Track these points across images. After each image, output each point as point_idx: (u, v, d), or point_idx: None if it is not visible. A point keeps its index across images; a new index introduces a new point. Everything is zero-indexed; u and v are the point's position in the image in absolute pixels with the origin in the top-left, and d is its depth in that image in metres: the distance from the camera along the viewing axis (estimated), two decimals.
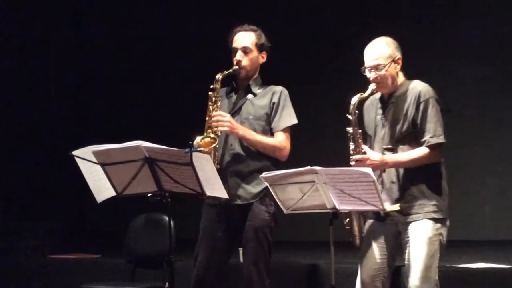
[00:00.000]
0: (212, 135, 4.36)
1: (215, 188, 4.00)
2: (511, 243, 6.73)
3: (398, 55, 4.23)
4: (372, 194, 3.85)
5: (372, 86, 4.20)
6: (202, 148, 4.22)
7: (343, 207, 3.96)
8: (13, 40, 7.76)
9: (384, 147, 4.19)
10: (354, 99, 4.20)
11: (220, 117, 4.38)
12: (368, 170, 3.84)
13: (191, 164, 3.84)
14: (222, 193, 4.07)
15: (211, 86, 4.48)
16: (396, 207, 4.16)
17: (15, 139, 7.69)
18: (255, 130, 4.49)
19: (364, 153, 4.13)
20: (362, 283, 4.22)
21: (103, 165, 3.97)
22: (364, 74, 4.25)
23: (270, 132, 4.55)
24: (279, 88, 4.62)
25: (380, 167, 4.14)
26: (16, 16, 7.79)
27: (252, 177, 4.44)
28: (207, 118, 4.44)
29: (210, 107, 4.45)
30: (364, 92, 4.22)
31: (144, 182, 3.99)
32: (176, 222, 4.63)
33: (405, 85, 4.24)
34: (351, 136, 4.18)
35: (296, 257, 6.17)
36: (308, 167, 3.87)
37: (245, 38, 4.56)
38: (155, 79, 8.18)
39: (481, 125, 7.41)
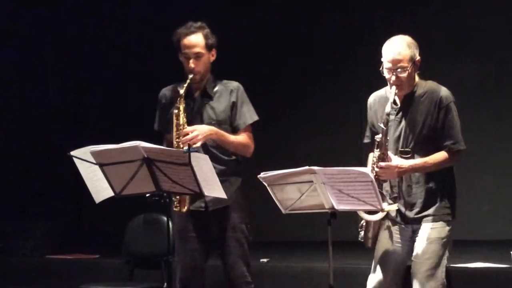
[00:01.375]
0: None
1: (213, 188, 3.99)
2: (510, 242, 6.73)
3: (418, 56, 4.16)
4: (370, 194, 3.84)
5: (394, 90, 4.09)
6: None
7: (341, 207, 3.95)
8: (13, 40, 7.76)
9: (401, 149, 4.16)
10: (388, 108, 4.09)
11: (189, 135, 4.26)
12: (366, 170, 3.84)
13: (189, 164, 3.83)
14: (221, 193, 4.06)
15: (176, 105, 4.37)
16: (395, 207, 4.18)
17: (14, 139, 7.68)
18: None
19: (390, 160, 4.08)
20: (383, 283, 4.19)
21: (101, 165, 3.96)
22: (383, 74, 4.14)
23: (232, 132, 4.49)
24: (234, 85, 4.54)
25: (407, 173, 4.14)
26: (16, 16, 7.78)
27: (223, 181, 4.19)
28: (175, 137, 4.32)
29: (176, 125, 4.33)
30: (388, 98, 4.13)
31: (143, 182, 3.98)
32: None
33: (422, 85, 4.18)
34: (378, 144, 4.10)
35: (294, 257, 6.17)
36: (306, 167, 3.87)
37: (195, 43, 4.45)
38: (155, 80, 8.15)
39: (480, 124, 7.40)
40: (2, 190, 7.41)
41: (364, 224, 4.22)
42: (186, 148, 4.08)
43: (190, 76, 4.40)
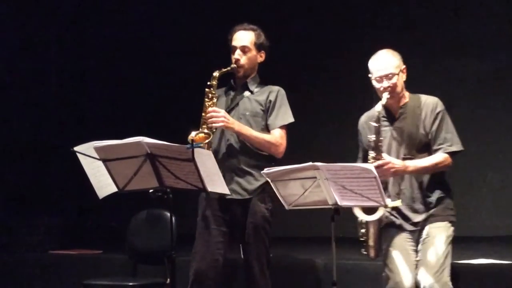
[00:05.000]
0: (206, 131, 4.39)
1: (216, 184, 4.00)
2: None
3: (403, 65, 4.35)
4: (374, 190, 3.84)
5: (386, 95, 4.25)
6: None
7: (344, 203, 3.96)
8: (13, 39, 7.76)
9: (403, 157, 4.28)
10: (379, 107, 4.25)
11: (215, 113, 4.41)
12: (370, 166, 3.85)
13: (192, 160, 3.83)
14: (224, 189, 4.07)
15: (208, 83, 4.52)
16: (398, 203, 4.21)
17: (17, 136, 7.69)
18: (251, 126, 4.53)
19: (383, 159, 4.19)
20: None
21: (104, 161, 3.97)
22: (373, 84, 4.32)
23: (267, 129, 4.57)
24: (276, 88, 4.66)
25: (401, 173, 4.24)
26: (16, 16, 7.78)
27: (248, 173, 4.49)
28: (202, 114, 4.47)
29: (206, 103, 4.49)
30: (374, 103, 4.28)
31: (146, 178, 3.99)
32: (177, 218, 4.63)
33: (415, 98, 4.37)
34: (373, 144, 4.22)
35: (297, 253, 6.17)
36: (310, 163, 3.87)
37: (244, 37, 4.59)
38: (155, 76, 8.18)
39: (481, 122, 7.41)
40: (5, 186, 7.42)
41: (364, 232, 4.27)
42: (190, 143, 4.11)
43: (232, 65, 4.54)
